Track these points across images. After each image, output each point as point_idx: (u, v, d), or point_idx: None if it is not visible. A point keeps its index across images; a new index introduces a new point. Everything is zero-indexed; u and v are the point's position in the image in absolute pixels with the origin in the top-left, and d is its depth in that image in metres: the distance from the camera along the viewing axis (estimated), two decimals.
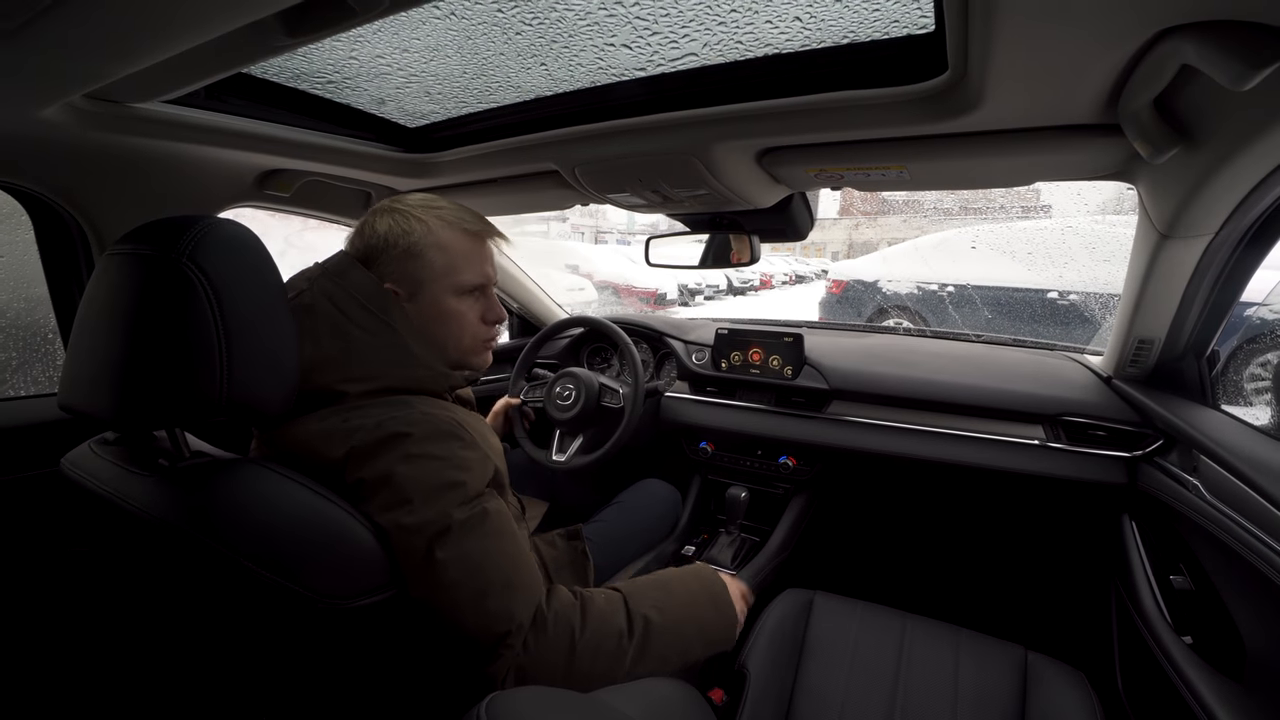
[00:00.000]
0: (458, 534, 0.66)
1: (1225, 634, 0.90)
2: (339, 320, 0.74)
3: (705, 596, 0.87)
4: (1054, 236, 4.44)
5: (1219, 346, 1.09)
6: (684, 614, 0.82)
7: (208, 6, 0.50)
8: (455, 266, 0.83)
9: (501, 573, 0.68)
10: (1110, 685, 1.16)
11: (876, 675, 1.03)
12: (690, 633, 0.81)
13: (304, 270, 0.80)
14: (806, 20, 0.71)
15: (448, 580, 0.64)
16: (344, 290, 0.76)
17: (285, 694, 0.79)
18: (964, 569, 1.64)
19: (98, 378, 0.58)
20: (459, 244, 0.83)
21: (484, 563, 0.67)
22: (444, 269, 0.82)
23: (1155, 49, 0.56)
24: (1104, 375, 1.32)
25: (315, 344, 0.72)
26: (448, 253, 0.82)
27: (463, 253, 0.84)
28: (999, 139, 0.82)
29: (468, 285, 0.85)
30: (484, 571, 0.67)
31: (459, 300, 0.84)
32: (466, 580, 0.65)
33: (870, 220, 13.41)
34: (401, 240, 0.80)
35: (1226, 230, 0.85)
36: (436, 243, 0.81)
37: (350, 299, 0.76)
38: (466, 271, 0.84)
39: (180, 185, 1.09)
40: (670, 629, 0.78)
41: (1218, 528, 0.87)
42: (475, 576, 0.66)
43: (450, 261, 0.82)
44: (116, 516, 0.63)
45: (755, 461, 1.62)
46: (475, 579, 0.66)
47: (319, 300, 0.75)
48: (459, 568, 0.65)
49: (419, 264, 0.81)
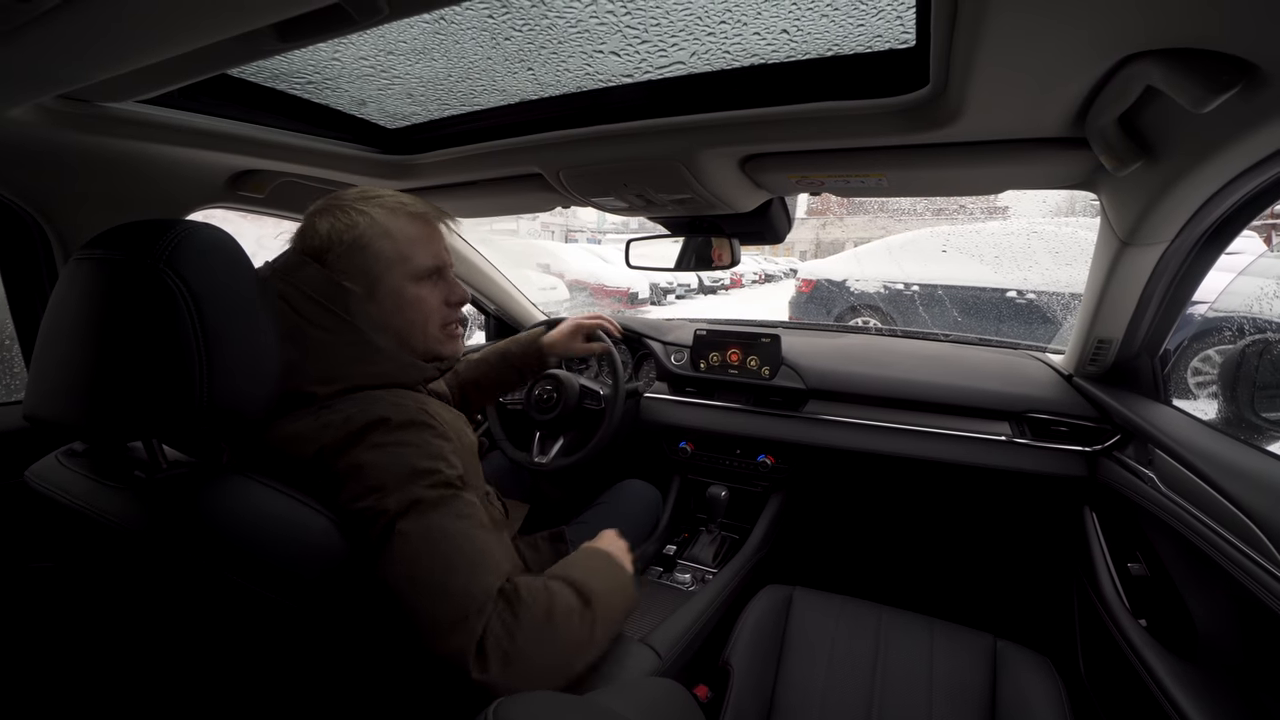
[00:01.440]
0: (425, 509, 0.64)
1: (1178, 617, 0.96)
2: (296, 321, 0.72)
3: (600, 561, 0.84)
4: (1019, 240, 4.60)
5: (1170, 345, 1.16)
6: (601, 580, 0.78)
7: (202, 16, 0.49)
8: (407, 252, 0.80)
9: (467, 555, 0.65)
10: (1074, 668, 1.22)
11: (855, 667, 1.06)
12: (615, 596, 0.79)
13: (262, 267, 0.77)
14: (793, 33, 0.73)
15: (409, 553, 0.62)
16: (297, 289, 0.73)
17: (270, 702, 0.78)
18: (937, 561, 1.70)
19: (71, 387, 0.56)
20: (406, 229, 0.81)
21: (449, 544, 0.64)
22: (396, 256, 0.79)
23: (1122, 71, 0.59)
24: (1065, 373, 1.38)
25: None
26: (396, 239, 0.79)
27: (412, 237, 0.81)
28: (973, 150, 0.86)
29: (424, 269, 0.82)
30: (447, 552, 0.64)
31: (418, 286, 0.81)
32: (428, 555, 0.62)
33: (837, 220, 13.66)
34: (346, 235, 0.77)
35: (1181, 239, 0.91)
36: (383, 231, 0.79)
37: (305, 297, 0.73)
38: (420, 255, 0.81)
39: (149, 186, 1.05)
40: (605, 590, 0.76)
41: (1171, 517, 0.93)
42: (438, 553, 0.63)
43: (400, 248, 0.79)
44: (89, 530, 0.61)
45: (734, 460, 1.64)
46: (438, 556, 0.63)
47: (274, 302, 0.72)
48: (422, 541, 0.63)
49: (368, 256, 0.78)
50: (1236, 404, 1.10)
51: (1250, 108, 0.57)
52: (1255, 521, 0.75)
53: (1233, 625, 0.88)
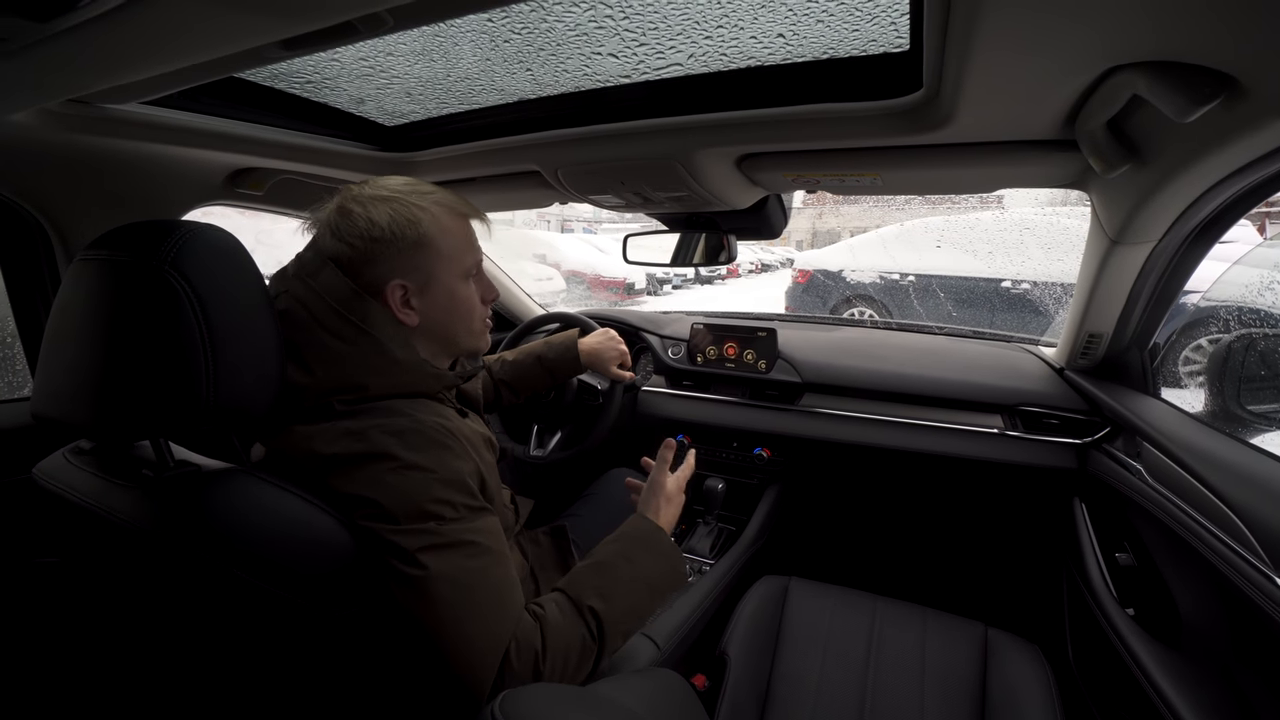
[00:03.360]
0: (444, 551, 0.65)
1: (1164, 606, 0.99)
2: (312, 327, 0.71)
3: (642, 551, 0.84)
4: (1012, 234, 4.62)
5: (1160, 339, 1.18)
6: (631, 586, 0.80)
7: (213, 35, 0.49)
8: (459, 251, 0.80)
9: (486, 593, 0.67)
10: (1062, 656, 1.25)
11: (849, 656, 1.09)
12: (643, 598, 0.81)
13: (281, 269, 0.77)
14: (789, 36, 0.74)
15: (433, 596, 0.64)
16: (315, 294, 0.72)
17: (274, 698, 0.79)
18: (930, 552, 1.73)
19: (77, 387, 0.57)
20: (458, 227, 0.80)
21: (471, 583, 0.66)
22: (450, 255, 0.79)
23: (1110, 79, 0.61)
24: (1056, 366, 1.41)
25: (296, 355, 0.70)
26: (453, 238, 0.79)
27: (464, 235, 0.81)
28: (966, 151, 0.87)
29: (472, 268, 0.82)
30: (470, 592, 0.66)
31: (466, 285, 0.82)
32: (452, 599, 0.64)
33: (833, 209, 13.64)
34: (409, 231, 0.74)
35: (1169, 238, 0.93)
36: (442, 229, 0.78)
37: (322, 304, 0.71)
38: (469, 254, 0.81)
39: (149, 185, 1.05)
40: (621, 609, 0.77)
41: (1158, 508, 0.95)
42: (461, 597, 0.65)
43: (455, 246, 0.79)
44: (96, 527, 0.62)
45: (731, 453, 1.66)
46: (461, 599, 0.65)
47: (295, 308, 0.71)
48: (444, 584, 0.64)
49: (429, 254, 0.76)
50: (1223, 397, 1.12)
51: (1232, 117, 0.59)
52: (1237, 514, 0.78)
53: (1216, 615, 0.90)
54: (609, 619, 0.75)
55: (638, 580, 0.81)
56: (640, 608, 0.80)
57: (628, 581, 0.80)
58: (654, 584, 0.83)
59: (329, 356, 0.71)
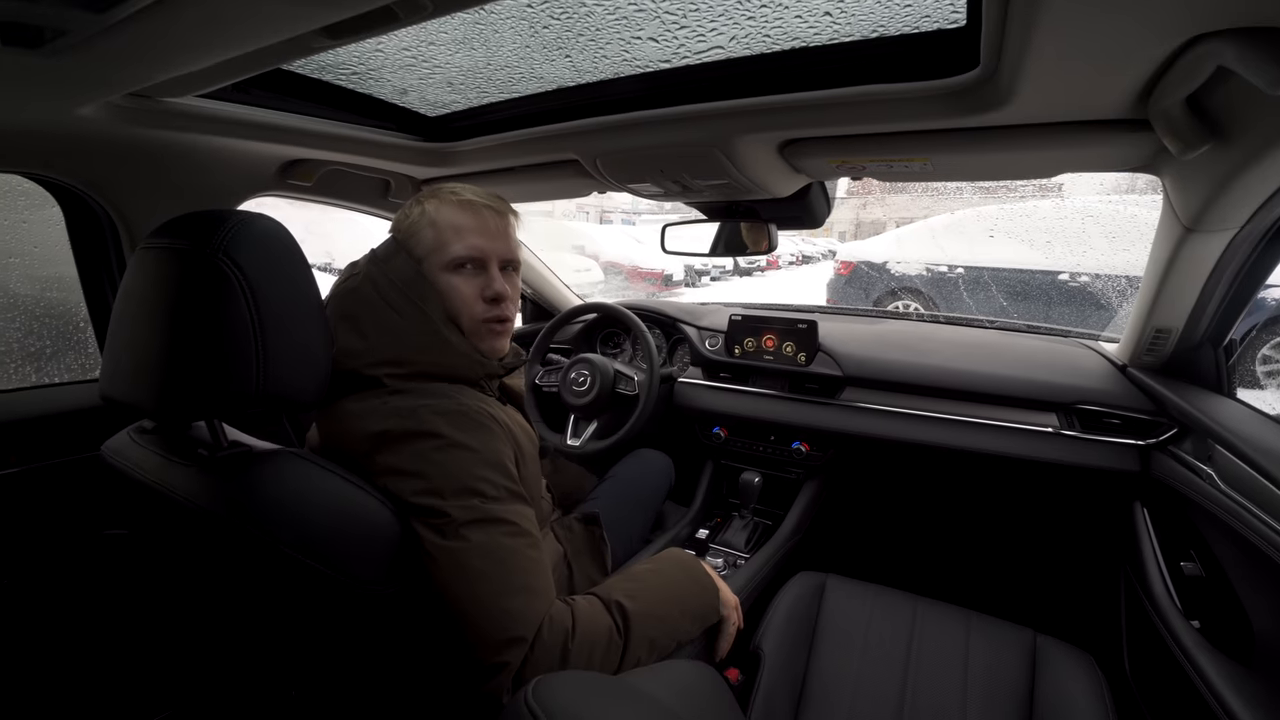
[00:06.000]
0: (485, 525, 0.67)
1: (1234, 619, 0.92)
2: (378, 304, 0.77)
3: (679, 573, 0.88)
4: (1074, 224, 4.38)
5: (1236, 335, 1.10)
6: (659, 595, 0.82)
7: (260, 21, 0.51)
8: (443, 240, 0.81)
9: (524, 573, 0.69)
10: (1118, 667, 1.19)
11: (888, 657, 1.06)
12: (672, 612, 0.82)
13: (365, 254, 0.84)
14: (836, 15, 0.71)
15: (472, 570, 0.65)
16: (385, 275, 0.78)
17: (316, 669, 0.82)
18: (975, 553, 1.67)
19: (139, 370, 0.60)
20: (449, 218, 0.81)
21: (508, 560, 0.68)
22: (433, 244, 0.81)
23: (1192, 49, 0.56)
24: (1119, 363, 1.33)
25: (355, 326, 0.75)
26: (438, 228, 0.81)
27: (453, 226, 0.81)
28: (1025, 132, 0.82)
29: (457, 259, 0.81)
30: (507, 568, 0.67)
31: (450, 275, 0.81)
32: (490, 572, 0.66)
33: (878, 199, 13.22)
34: (405, 224, 0.83)
35: (1251, 225, 0.85)
36: (430, 220, 0.82)
37: (390, 284, 0.78)
38: (455, 244, 0.81)
39: (206, 176, 1.10)
40: (647, 612, 0.78)
41: (1231, 516, 0.89)
42: (499, 570, 0.66)
43: (439, 236, 0.81)
44: (157, 502, 0.65)
45: (768, 447, 1.64)
46: (498, 573, 0.66)
47: (363, 284, 0.78)
48: (483, 558, 0.66)
49: (415, 243, 0.82)
50: None
51: None
52: None
53: None
54: (635, 616, 0.76)
55: (667, 591, 0.84)
56: (667, 618, 0.81)
57: (656, 589, 0.83)
58: (684, 602, 0.85)
59: (385, 326, 0.76)
